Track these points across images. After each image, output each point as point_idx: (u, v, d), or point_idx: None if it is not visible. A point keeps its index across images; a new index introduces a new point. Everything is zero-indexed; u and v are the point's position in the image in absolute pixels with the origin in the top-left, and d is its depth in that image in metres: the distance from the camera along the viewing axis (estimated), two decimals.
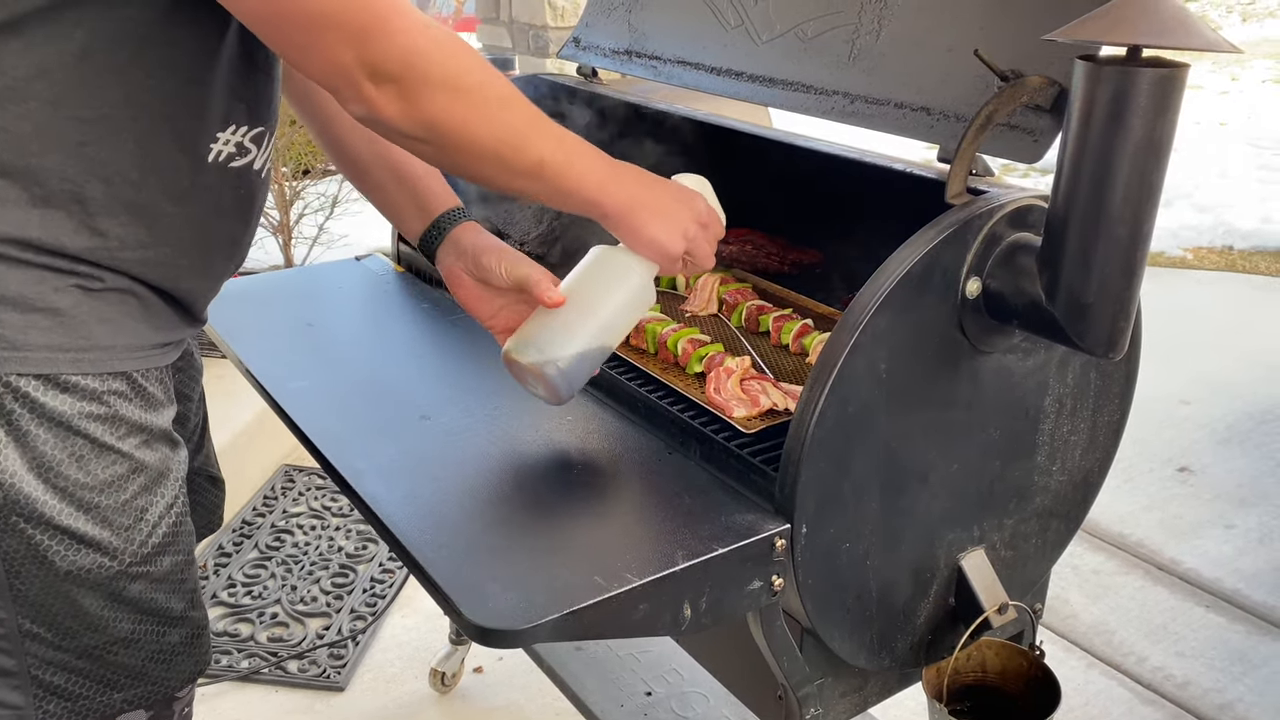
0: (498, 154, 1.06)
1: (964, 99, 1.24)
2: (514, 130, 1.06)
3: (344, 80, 0.97)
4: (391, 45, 0.96)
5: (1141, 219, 1.02)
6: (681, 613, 1.04)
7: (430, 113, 1.00)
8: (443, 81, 0.99)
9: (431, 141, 1.03)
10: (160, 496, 1.09)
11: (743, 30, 1.59)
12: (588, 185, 1.13)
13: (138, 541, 1.07)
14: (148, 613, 1.10)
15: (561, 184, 1.11)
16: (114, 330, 1.03)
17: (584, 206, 1.14)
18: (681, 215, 1.18)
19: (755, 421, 1.26)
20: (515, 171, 1.08)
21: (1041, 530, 1.34)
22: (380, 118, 0.99)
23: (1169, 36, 0.93)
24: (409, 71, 0.97)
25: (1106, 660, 2.37)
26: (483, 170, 1.08)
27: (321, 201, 4.21)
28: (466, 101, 1.02)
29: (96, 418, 1.02)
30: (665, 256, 1.19)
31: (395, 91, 0.97)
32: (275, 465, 3.11)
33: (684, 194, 1.21)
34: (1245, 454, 3.29)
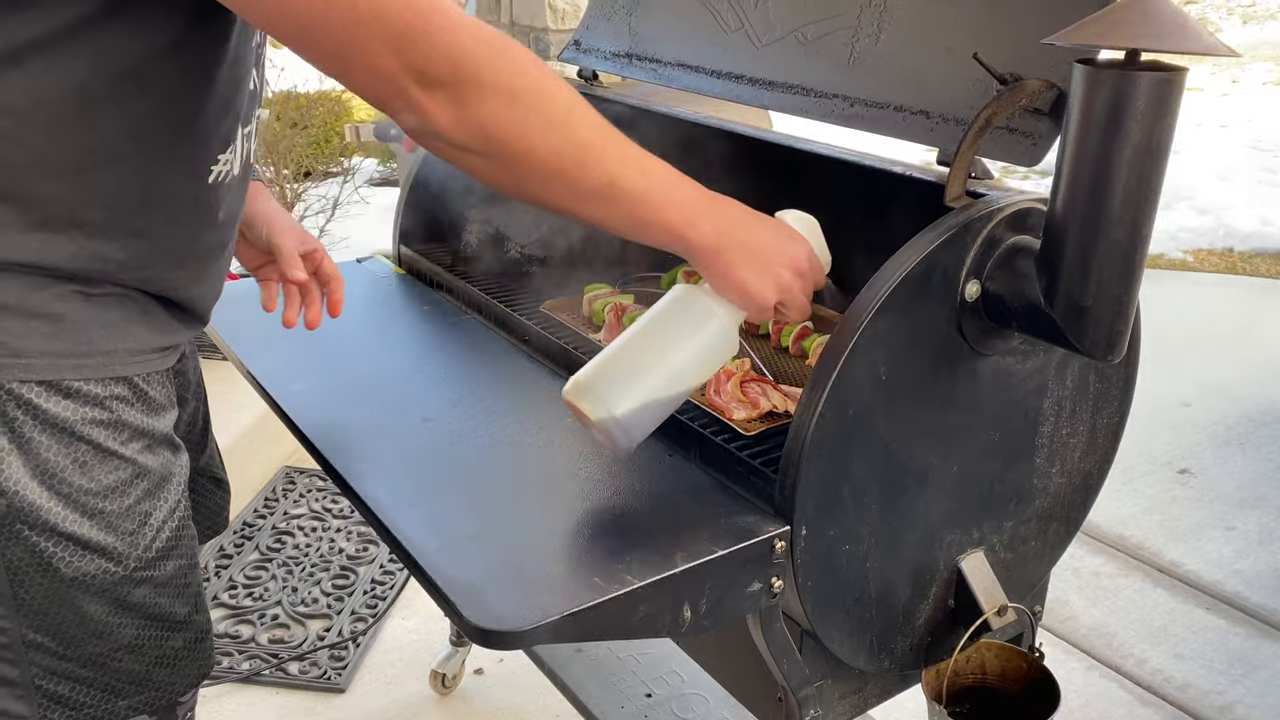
0: (560, 169, 0.97)
1: (963, 102, 1.24)
2: (579, 142, 0.98)
3: (391, 90, 0.91)
4: (436, 46, 0.89)
5: (1140, 222, 1.02)
6: (681, 614, 1.04)
7: (484, 118, 0.92)
8: (495, 83, 0.92)
9: (486, 152, 0.95)
10: (163, 501, 1.09)
11: (742, 33, 1.60)
12: (671, 215, 1.02)
13: (142, 546, 1.06)
14: (152, 618, 1.09)
15: (638, 211, 1.01)
16: (114, 335, 1.02)
17: (668, 239, 1.04)
18: (779, 259, 1.07)
19: (755, 424, 1.26)
20: (581, 192, 0.99)
21: (1041, 532, 1.35)
22: (434, 127, 0.92)
23: (1167, 40, 0.93)
24: (458, 72, 0.91)
25: (1106, 662, 2.38)
26: (545, 189, 0.99)
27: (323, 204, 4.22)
28: (523, 106, 0.94)
29: (99, 423, 1.01)
30: (754, 305, 1.08)
31: (447, 97, 0.91)
32: (276, 467, 3.11)
33: (786, 235, 1.10)
34: (1245, 456, 3.29)
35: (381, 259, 1.91)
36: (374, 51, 0.88)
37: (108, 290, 1.01)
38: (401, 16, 0.88)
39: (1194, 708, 2.23)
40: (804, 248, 1.10)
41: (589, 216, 1.02)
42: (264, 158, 4.13)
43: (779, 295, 1.08)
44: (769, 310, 1.09)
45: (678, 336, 1.11)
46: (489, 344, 1.56)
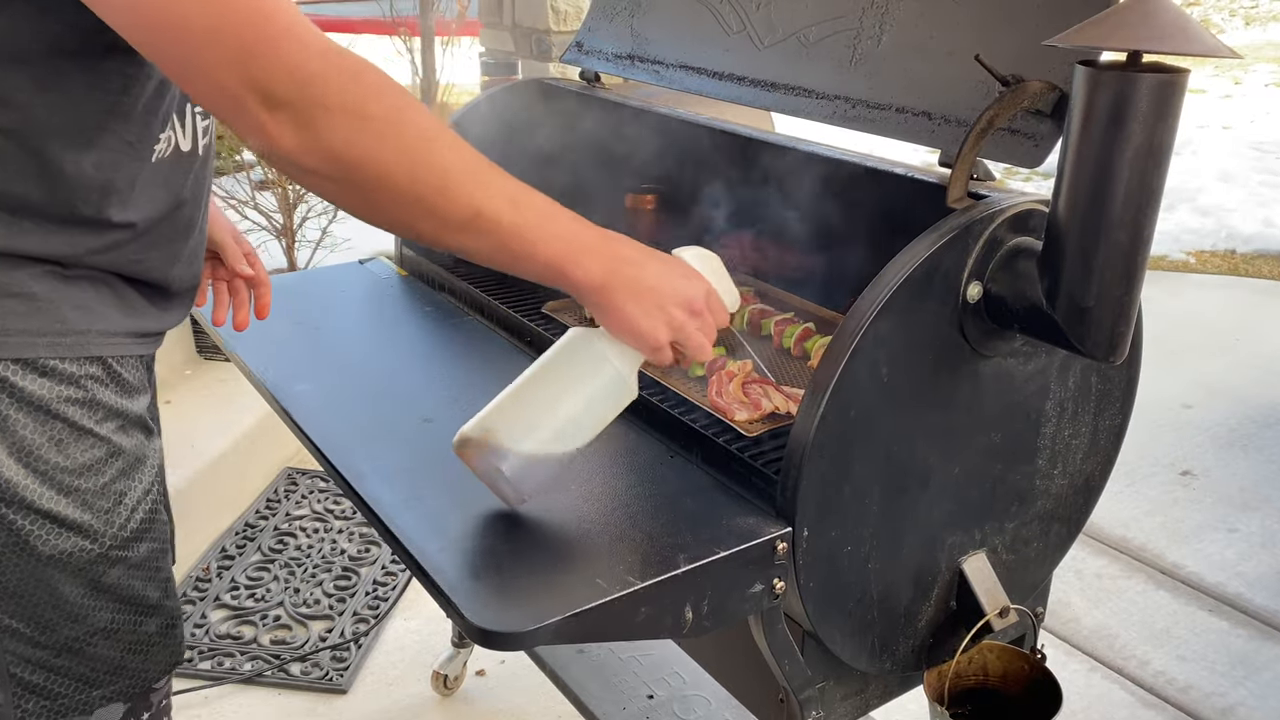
0: (418, 196, 0.93)
1: (965, 104, 1.24)
2: (440, 169, 0.93)
3: (232, 106, 0.87)
4: (281, 64, 0.86)
5: (1142, 223, 1.02)
6: (683, 616, 1.04)
7: (332, 143, 0.88)
8: (344, 106, 0.88)
9: (336, 177, 0.91)
10: (138, 481, 1.10)
11: (744, 35, 1.60)
12: (551, 250, 0.99)
13: (117, 525, 1.07)
14: (126, 601, 1.11)
15: (512, 244, 0.97)
16: (89, 316, 1.03)
17: (550, 276, 1.00)
18: (669, 297, 1.04)
19: (757, 425, 1.26)
20: (445, 221, 0.95)
21: (1043, 534, 1.35)
22: (278, 149, 0.88)
23: (1169, 42, 0.93)
24: (303, 94, 0.87)
25: (1108, 664, 2.37)
26: (405, 217, 0.95)
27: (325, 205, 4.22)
28: (375, 131, 0.90)
29: (75, 401, 1.02)
30: (646, 344, 1.05)
31: (290, 119, 0.87)
32: (278, 468, 3.11)
33: (680, 272, 1.06)
34: (1248, 458, 3.28)
35: (384, 260, 1.92)
36: (213, 65, 0.86)
37: (82, 272, 1.02)
38: (241, 33, 0.85)
39: (1196, 710, 2.23)
40: (700, 285, 1.06)
41: (460, 248, 0.98)
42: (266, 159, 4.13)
43: (672, 334, 1.04)
44: (664, 350, 1.05)
45: (570, 382, 1.06)
46: (491, 345, 1.57)
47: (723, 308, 1.09)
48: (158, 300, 1.12)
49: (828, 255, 1.66)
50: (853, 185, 1.43)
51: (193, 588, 2.56)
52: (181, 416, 2.97)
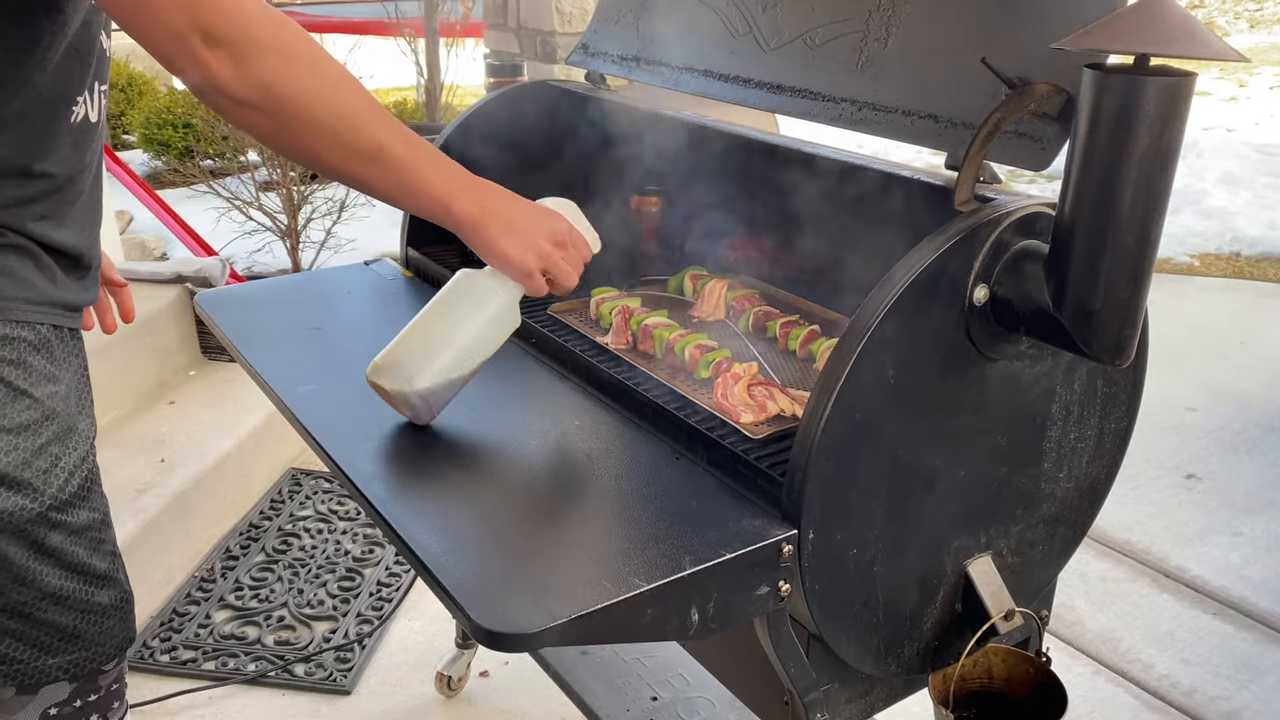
0: (333, 129, 1.06)
1: (971, 106, 1.24)
2: (351, 108, 1.07)
3: (178, 45, 0.99)
4: (221, 8, 0.98)
5: (1149, 226, 1.02)
6: (689, 618, 1.04)
7: (263, 76, 1.01)
8: (275, 46, 1.02)
9: (265, 108, 1.03)
10: (72, 449, 1.15)
11: (750, 37, 1.60)
12: (437, 188, 1.14)
13: (55, 486, 1.12)
14: (72, 568, 1.15)
15: (405, 176, 1.12)
16: (16, 284, 1.09)
17: (433, 209, 1.15)
18: (535, 231, 1.20)
19: (762, 427, 1.26)
20: (354, 152, 1.08)
21: (1048, 537, 1.35)
22: (215, 81, 1.00)
23: (1176, 45, 0.93)
24: (239, 34, 0.99)
25: (1112, 667, 2.37)
26: (319, 146, 1.07)
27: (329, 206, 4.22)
28: (300, 69, 1.04)
29: (9, 362, 1.08)
30: (519, 272, 1.20)
31: (228, 55, 0.99)
32: (282, 469, 3.11)
33: (541, 212, 1.22)
34: (1252, 461, 3.28)
35: (389, 262, 1.92)
36: (164, 6, 0.97)
37: (8, 240, 1.09)
38: None
39: (1200, 713, 2.23)
40: (562, 223, 1.23)
41: (360, 177, 1.11)
42: (270, 159, 4.14)
43: (541, 263, 1.21)
44: (534, 276, 1.21)
45: (463, 314, 1.23)
46: None
47: (584, 243, 1.26)
48: (75, 273, 1.18)
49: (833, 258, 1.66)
50: (859, 188, 1.43)
51: (197, 588, 2.56)
52: (186, 417, 2.98)
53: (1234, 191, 6.11)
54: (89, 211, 1.22)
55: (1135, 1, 0.97)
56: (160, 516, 2.51)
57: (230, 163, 4.79)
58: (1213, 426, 3.50)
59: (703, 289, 1.66)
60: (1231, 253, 5.41)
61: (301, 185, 4.16)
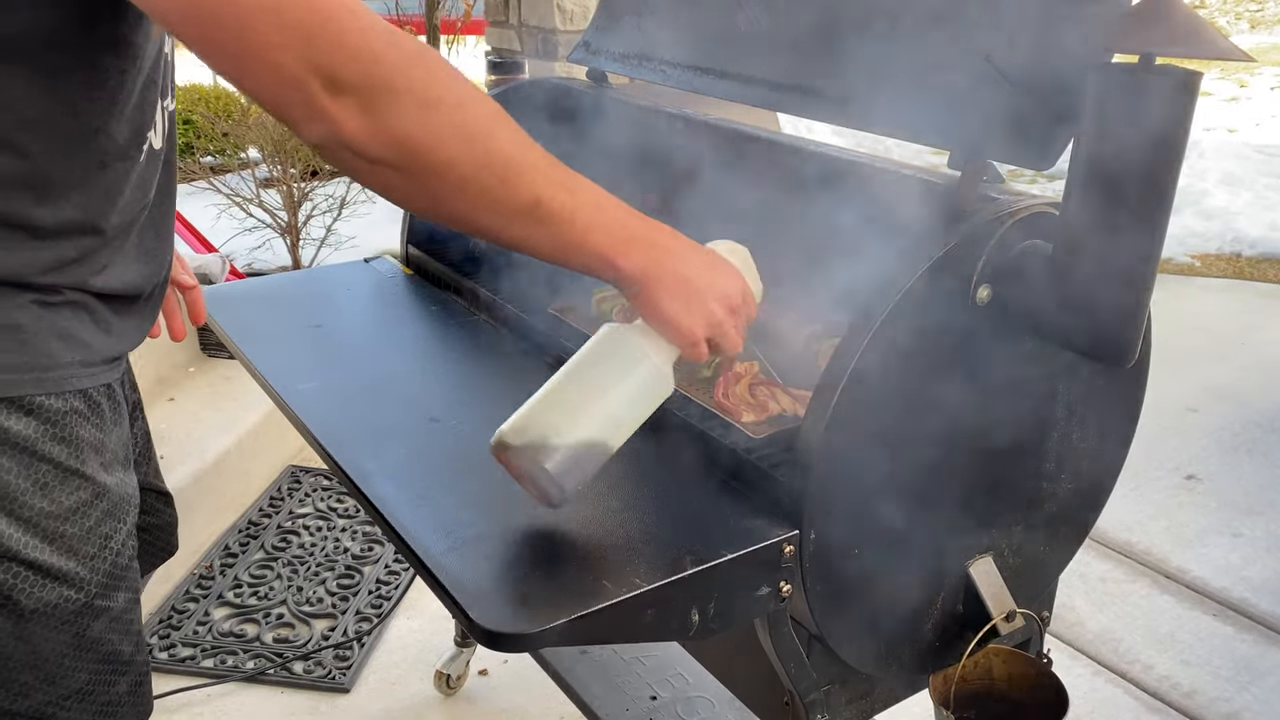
0: (482, 185, 0.89)
1: (975, 105, 1.24)
2: (503, 157, 0.90)
3: (293, 92, 0.81)
4: (345, 46, 0.81)
5: (1154, 226, 1.02)
6: (689, 618, 1.03)
7: (401, 128, 0.84)
8: (410, 90, 0.84)
9: (400, 165, 0.86)
10: (122, 523, 1.05)
11: (753, 35, 1.59)
12: (600, 240, 0.96)
13: (102, 571, 1.02)
14: (104, 659, 1.05)
15: (565, 234, 0.94)
16: (71, 346, 0.98)
17: (597, 266, 0.98)
18: (709, 294, 1.02)
19: (764, 427, 1.25)
20: (505, 210, 0.91)
21: (1050, 538, 1.34)
22: (343, 136, 0.83)
23: (1182, 45, 0.93)
24: (370, 77, 0.82)
25: (1112, 668, 2.37)
26: (465, 206, 0.91)
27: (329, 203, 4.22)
28: (441, 116, 0.86)
29: (59, 440, 0.97)
30: (684, 339, 1.03)
31: (356, 103, 0.82)
32: (281, 466, 3.11)
33: (719, 268, 1.05)
34: (1253, 462, 3.28)
35: (389, 259, 1.91)
36: (274, 46, 0.79)
37: (64, 297, 0.97)
38: (302, 13, 0.80)
39: (1200, 714, 2.22)
40: (737, 282, 1.06)
41: (512, 238, 0.95)
42: (271, 156, 4.14)
43: (709, 330, 1.03)
44: (700, 345, 1.04)
45: (609, 381, 1.05)
46: (497, 345, 1.56)
47: (753, 302, 1.09)
48: (131, 312, 1.08)
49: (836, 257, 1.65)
50: (861, 186, 1.42)
51: (196, 585, 2.56)
52: (185, 414, 2.98)
53: (1235, 192, 6.11)
54: (154, 236, 1.09)
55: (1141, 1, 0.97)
56: None
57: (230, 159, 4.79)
58: (1213, 427, 3.50)
59: None
60: (1232, 253, 5.41)
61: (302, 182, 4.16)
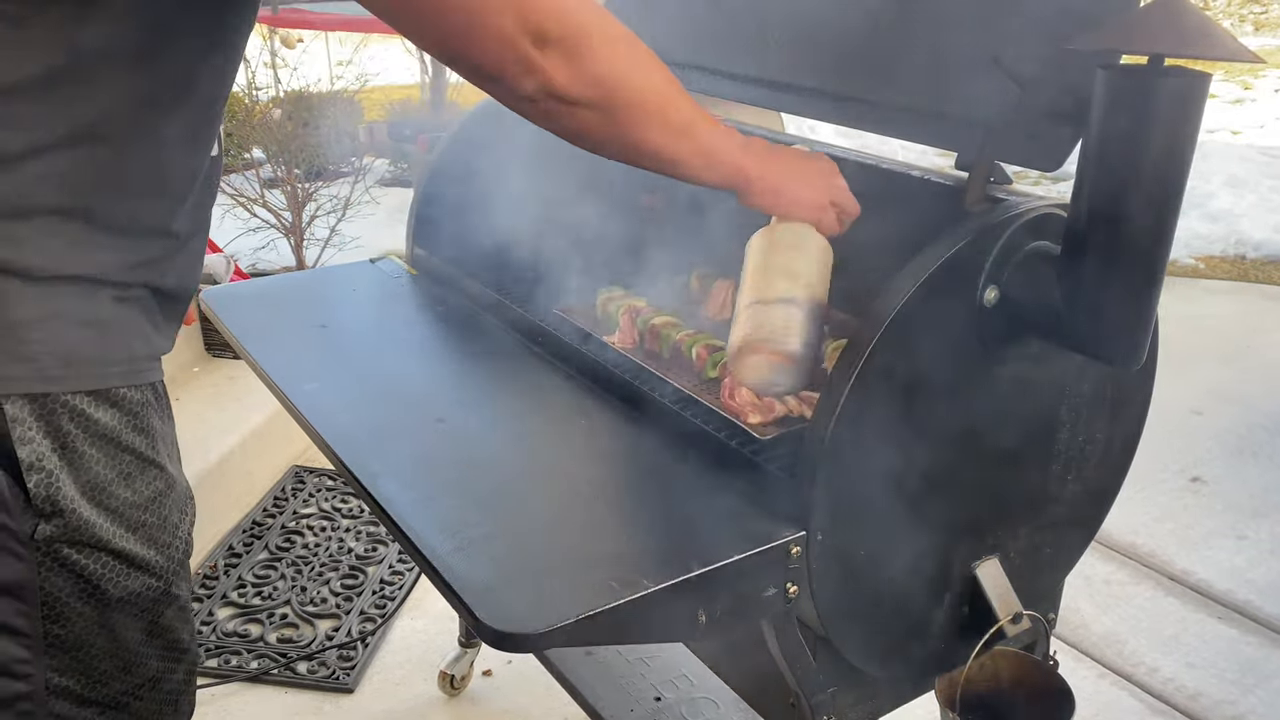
0: (660, 109, 1.06)
1: (983, 106, 1.24)
2: (666, 86, 1.07)
3: (512, 53, 0.94)
4: (544, 5, 0.94)
5: (1162, 228, 1.02)
6: (696, 619, 1.03)
7: (598, 69, 0.99)
8: (602, 34, 0.99)
9: (600, 104, 1.01)
10: (185, 514, 1.08)
11: (758, 36, 1.59)
12: (732, 148, 1.14)
13: (176, 560, 1.05)
14: (169, 646, 1.07)
15: (710, 143, 1.12)
16: (142, 340, 1.02)
17: (729, 173, 1.16)
18: (817, 170, 1.25)
19: (770, 428, 1.25)
20: (673, 129, 1.08)
21: (1056, 540, 1.34)
22: (554, 85, 0.97)
23: (1191, 46, 0.93)
24: (567, 28, 0.96)
25: (1117, 670, 2.36)
26: (646, 134, 1.06)
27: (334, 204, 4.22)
28: (624, 53, 1.02)
29: (139, 430, 1.00)
30: (813, 211, 1.24)
31: (560, 53, 0.96)
32: (285, 466, 3.11)
33: (811, 154, 1.27)
34: (1258, 465, 3.27)
35: (394, 259, 1.91)
36: (494, 15, 0.92)
37: (134, 294, 1.00)
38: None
39: (1205, 717, 2.22)
40: (827, 161, 1.28)
41: (676, 156, 1.10)
42: (275, 157, 4.14)
43: (831, 194, 1.25)
44: (828, 210, 1.25)
45: (798, 259, 1.25)
46: (502, 345, 1.56)
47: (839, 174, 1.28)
48: (175, 312, 1.11)
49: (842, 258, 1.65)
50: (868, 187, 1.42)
51: (200, 585, 2.56)
52: (190, 414, 2.98)
53: (1239, 194, 6.10)
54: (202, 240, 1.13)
55: (1150, 2, 0.97)
56: None
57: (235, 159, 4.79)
58: (1218, 430, 3.49)
59: (710, 288, 1.65)
60: (1237, 255, 5.40)
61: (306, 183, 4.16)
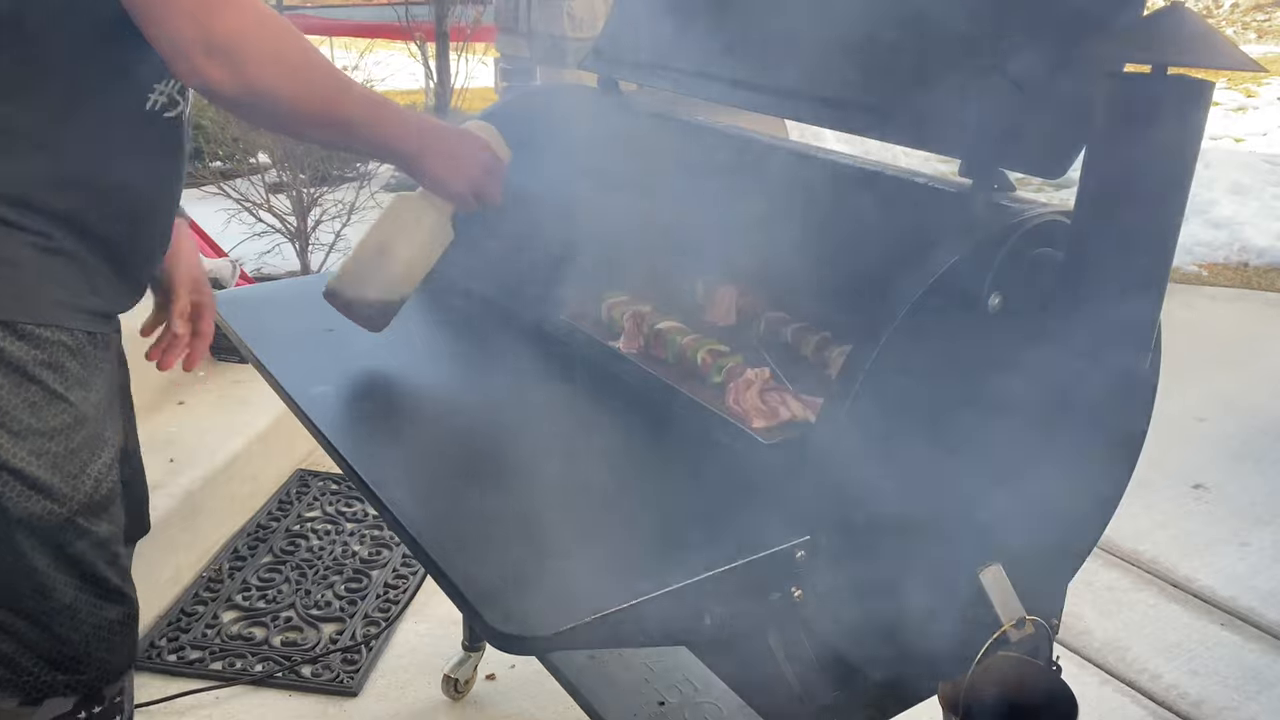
0: (317, 119, 1.21)
1: (986, 113, 1.24)
2: (329, 98, 1.22)
3: (183, 50, 1.09)
4: (225, 23, 1.09)
5: (1164, 235, 1.02)
6: (701, 622, 1.04)
7: (256, 81, 1.12)
8: (263, 50, 1.12)
9: (260, 108, 1.16)
10: (99, 455, 1.18)
11: (762, 43, 1.60)
12: (389, 135, 1.30)
13: (83, 492, 1.15)
14: (88, 579, 1.18)
15: (371, 136, 1.28)
16: (62, 288, 1.14)
17: (390, 155, 1.34)
18: (465, 158, 1.38)
19: (775, 432, 1.26)
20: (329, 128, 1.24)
21: (1059, 545, 1.34)
22: (213, 88, 1.11)
23: (1194, 54, 0.93)
24: (233, 42, 1.09)
25: (1120, 677, 2.36)
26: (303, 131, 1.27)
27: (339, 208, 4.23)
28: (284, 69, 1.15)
29: (48, 365, 1.12)
30: (451, 193, 1.39)
31: (222, 63, 1.10)
32: (290, 470, 3.12)
33: (473, 142, 1.40)
34: (1260, 472, 3.27)
35: None
36: (177, 16, 1.08)
37: (57, 244, 1.13)
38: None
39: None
40: (487, 151, 1.42)
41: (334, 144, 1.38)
42: (280, 161, 4.15)
43: (471, 186, 1.39)
44: (467, 196, 1.40)
45: (406, 230, 1.43)
46: (507, 349, 1.57)
47: (503, 166, 1.46)
48: (125, 274, 1.23)
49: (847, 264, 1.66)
50: (872, 194, 1.43)
51: (204, 588, 2.56)
52: (195, 417, 2.99)
53: (1242, 201, 6.11)
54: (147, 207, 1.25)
55: (1153, 10, 0.98)
56: (168, 517, 2.52)
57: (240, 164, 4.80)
58: (1221, 436, 3.49)
59: (714, 294, 1.66)
60: (1240, 263, 5.41)
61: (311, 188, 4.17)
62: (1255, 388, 3.86)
